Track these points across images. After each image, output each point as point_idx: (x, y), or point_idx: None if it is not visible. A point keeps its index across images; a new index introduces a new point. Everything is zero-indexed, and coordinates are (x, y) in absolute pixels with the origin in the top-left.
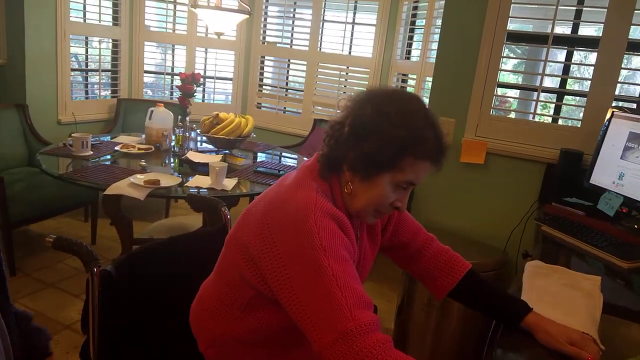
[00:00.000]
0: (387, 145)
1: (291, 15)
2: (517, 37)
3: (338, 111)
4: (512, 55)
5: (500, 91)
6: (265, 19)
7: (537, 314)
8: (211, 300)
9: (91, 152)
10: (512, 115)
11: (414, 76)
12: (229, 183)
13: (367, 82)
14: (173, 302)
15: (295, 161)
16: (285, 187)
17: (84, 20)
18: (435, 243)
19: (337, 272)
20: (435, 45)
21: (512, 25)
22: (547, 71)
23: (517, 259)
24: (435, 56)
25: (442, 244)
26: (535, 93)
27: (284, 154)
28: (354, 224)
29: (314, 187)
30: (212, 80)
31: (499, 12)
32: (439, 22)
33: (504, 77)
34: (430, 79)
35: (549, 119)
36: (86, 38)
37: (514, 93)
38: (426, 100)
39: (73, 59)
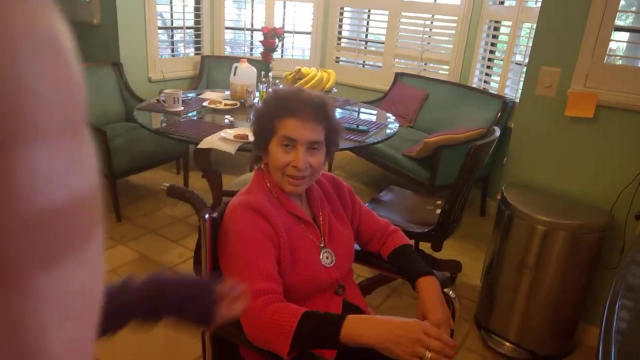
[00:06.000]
0: (262, 119)
1: None
2: None
3: (422, 63)
4: None
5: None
6: None
7: (426, 283)
8: None
9: (182, 108)
10: (619, 61)
11: (509, 23)
12: None
13: (454, 32)
14: None
15: (374, 116)
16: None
17: None
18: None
19: (245, 252)
20: None
21: None
22: None
23: (626, 222)
24: (533, 0)
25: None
26: None
27: (363, 109)
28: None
29: (244, 191)
30: (291, 34)
31: None
32: None
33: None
34: (528, 25)
35: None
36: None
37: (624, 37)
38: (523, 48)
39: (159, 17)
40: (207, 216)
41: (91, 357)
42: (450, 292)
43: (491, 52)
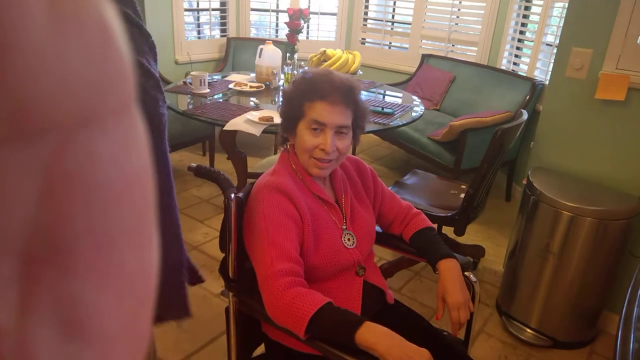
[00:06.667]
0: (291, 101)
1: None
2: None
3: (449, 45)
4: None
5: None
6: None
7: (447, 266)
8: None
9: (208, 90)
10: None
11: (540, 2)
12: None
13: (483, 12)
14: None
15: (400, 99)
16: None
17: None
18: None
19: (270, 233)
20: None
21: None
22: None
23: None
24: None
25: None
26: None
27: (388, 91)
28: (318, 187)
29: (270, 171)
30: (317, 15)
31: None
32: None
33: None
34: (559, 4)
35: None
36: None
37: None
38: (554, 29)
39: None
40: (232, 196)
41: (147, 339)
42: (471, 276)
43: (521, 32)
